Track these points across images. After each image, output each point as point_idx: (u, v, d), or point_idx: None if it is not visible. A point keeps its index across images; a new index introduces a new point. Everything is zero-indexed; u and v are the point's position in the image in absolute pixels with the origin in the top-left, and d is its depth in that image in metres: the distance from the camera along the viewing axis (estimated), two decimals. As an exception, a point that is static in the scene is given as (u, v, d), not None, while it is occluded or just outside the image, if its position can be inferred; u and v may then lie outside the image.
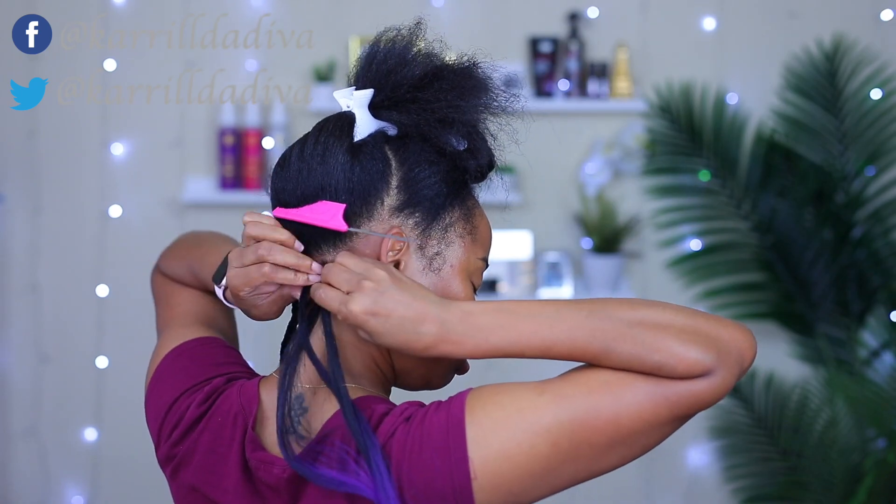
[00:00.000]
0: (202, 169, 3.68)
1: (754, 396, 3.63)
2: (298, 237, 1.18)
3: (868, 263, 3.62)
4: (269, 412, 1.19)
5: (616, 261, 3.69)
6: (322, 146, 1.18)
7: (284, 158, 1.21)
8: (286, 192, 1.19)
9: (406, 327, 1.08)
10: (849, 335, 3.61)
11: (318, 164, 1.17)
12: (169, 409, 1.24)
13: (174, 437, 1.22)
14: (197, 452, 1.20)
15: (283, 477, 1.13)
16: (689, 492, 3.80)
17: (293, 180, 1.18)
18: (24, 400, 3.67)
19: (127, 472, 3.63)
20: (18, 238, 3.65)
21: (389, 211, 1.18)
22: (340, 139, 1.18)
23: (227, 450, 1.18)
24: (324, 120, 1.22)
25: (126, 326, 3.67)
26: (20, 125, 3.62)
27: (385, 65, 1.21)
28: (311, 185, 1.17)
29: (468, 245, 1.24)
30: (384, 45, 1.23)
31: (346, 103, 1.20)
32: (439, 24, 4.00)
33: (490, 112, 1.21)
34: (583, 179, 3.71)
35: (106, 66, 3.64)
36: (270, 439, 1.17)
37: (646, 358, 1.06)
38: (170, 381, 1.27)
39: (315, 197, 1.17)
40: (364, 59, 1.22)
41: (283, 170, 1.20)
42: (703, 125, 3.68)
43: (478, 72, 1.23)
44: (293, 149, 1.21)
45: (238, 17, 3.66)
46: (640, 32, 3.77)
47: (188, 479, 1.20)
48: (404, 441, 1.08)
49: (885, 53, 3.71)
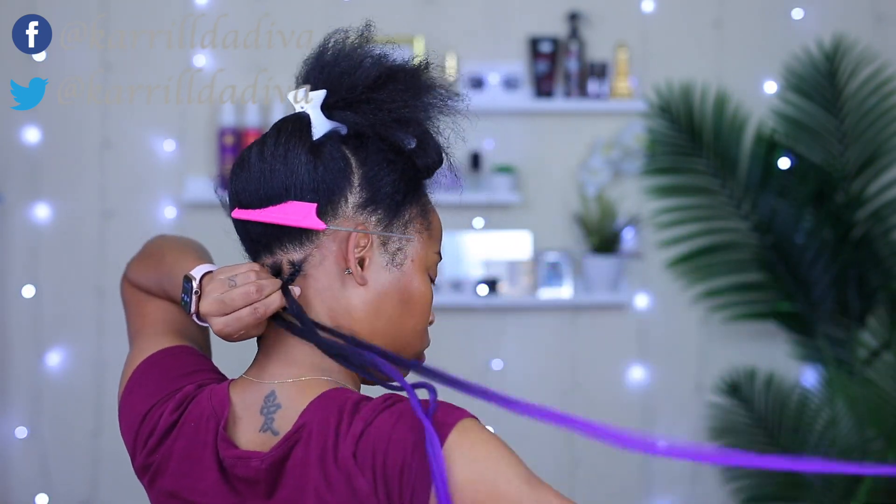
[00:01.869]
0: (202, 169, 3.68)
1: (754, 396, 3.63)
2: (258, 239, 1.21)
3: (868, 263, 3.62)
4: (240, 412, 1.20)
5: (616, 261, 3.69)
6: (283, 147, 1.20)
7: (243, 160, 1.23)
8: (248, 193, 1.21)
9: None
10: (849, 335, 3.61)
11: (281, 165, 1.19)
12: (143, 421, 1.26)
13: (149, 446, 1.24)
14: (172, 459, 1.21)
15: (263, 468, 1.14)
16: (689, 492, 3.80)
17: (255, 181, 1.20)
18: (25, 400, 3.67)
19: (127, 471, 3.61)
20: (18, 238, 3.65)
21: (353, 208, 1.20)
22: (301, 139, 1.20)
23: (201, 452, 1.19)
24: (281, 120, 1.24)
25: (126, 326, 3.66)
26: (20, 125, 3.62)
27: (337, 66, 1.23)
28: (275, 186, 1.19)
29: (425, 240, 1.26)
30: (333, 46, 1.24)
31: (299, 105, 1.22)
32: (439, 24, 4.00)
33: (439, 111, 1.23)
34: (583, 179, 3.71)
35: (106, 67, 3.64)
36: (244, 437, 1.19)
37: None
38: (141, 392, 1.29)
39: (280, 197, 1.19)
40: (313, 60, 1.24)
41: (242, 171, 1.22)
42: (703, 125, 3.68)
43: (428, 72, 1.23)
44: (251, 149, 1.22)
45: (238, 17, 3.66)
46: (640, 32, 3.77)
47: (166, 486, 1.22)
48: (375, 433, 1.10)
49: (885, 53, 3.71)
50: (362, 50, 1.24)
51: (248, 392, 1.21)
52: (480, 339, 3.72)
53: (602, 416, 3.83)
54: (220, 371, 1.32)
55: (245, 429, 1.19)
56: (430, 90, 1.22)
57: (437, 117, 1.23)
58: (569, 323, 3.77)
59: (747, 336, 3.78)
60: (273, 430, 1.17)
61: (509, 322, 3.76)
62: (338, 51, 1.24)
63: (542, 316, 3.77)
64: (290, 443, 1.13)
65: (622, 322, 3.80)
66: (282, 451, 1.14)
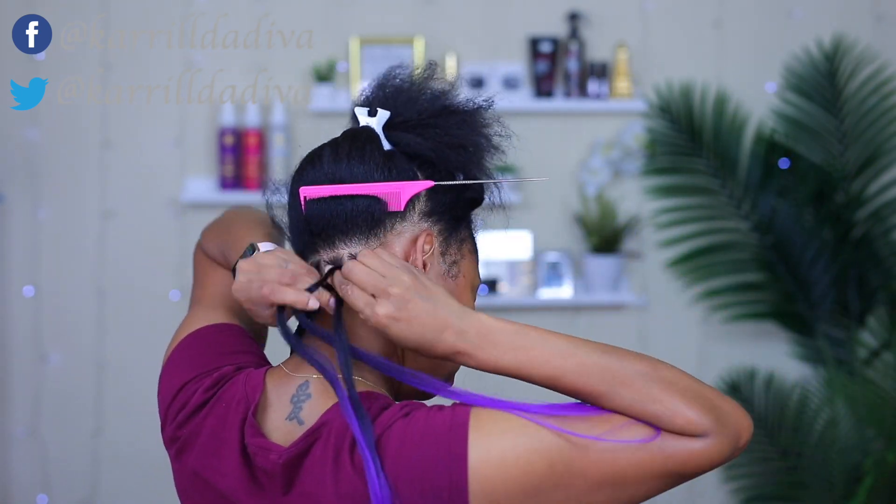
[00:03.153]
0: (202, 169, 3.68)
1: (754, 396, 3.63)
2: (323, 228, 1.23)
3: (868, 263, 3.62)
4: (272, 400, 1.21)
5: (616, 261, 3.69)
6: (358, 149, 1.24)
7: (315, 157, 1.26)
8: (335, 173, 1.23)
9: (427, 335, 1.14)
10: (849, 335, 3.61)
11: (358, 162, 1.23)
12: (177, 393, 1.27)
13: (179, 419, 1.25)
14: (201, 435, 1.22)
15: (280, 462, 1.14)
16: (689, 492, 3.80)
17: (329, 175, 1.23)
18: (25, 400, 3.67)
19: (127, 472, 3.63)
20: (18, 238, 3.65)
21: (419, 215, 1.25)
22: (376, 145, 1.24)
23: (228, 434, 1.20)
24: (350, 129, 1.28)
25: (126, 326, 3.67)
26: (20, 125, 3.62)
27: (403, 93, 1.27)
28: (356, 176, 1.23)
29: (474, 262, 1.32)
30: (400, 74, 1.29)
31: (365, 120, 1.26)
32: (439, 24, 4.00)
33: (488, 150, 1.29)
34: (583, 179, 3.71)
35: (106, 66, 3.64)
36: (271, 425, 1.19)
37: (647, 406, 1.10)
38: (182, 365, 1.30)
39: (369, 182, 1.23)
40: (378, 83, 1.29)
41: (314, 167, 1.25)
42: (703, 125, 3.68)
43: (485, 112, 1.29)
44: (324, 149, 1.26)
45: (238, 17, 3.66)
46: (640, 32, 3.77)
47: (190, 463, 1.23)
48: (403, 433, 1.10)
49: (885, 53, 3.71)
50: (427, 83, 1.28)
51: (283, 381, 1.22)
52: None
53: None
54: (264, 356, 1.33)
55: (273, 416, 1.20)
56: (485, 128, 1.28)
57: (486, 155, 1.29)
58: (569, 323, 3.77)
59: (747, 336, 3.78)
60: (299, 420, 1.18)
61: (509, 322, 3.75)
62: (404, 79, 1.28)
63: (542, 316, 3.77)
64: (310, 439, 1.14)
65: (622, 322, 3.80)
66: (300, 448, 1.14)
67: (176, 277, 3.64)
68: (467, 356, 1.14)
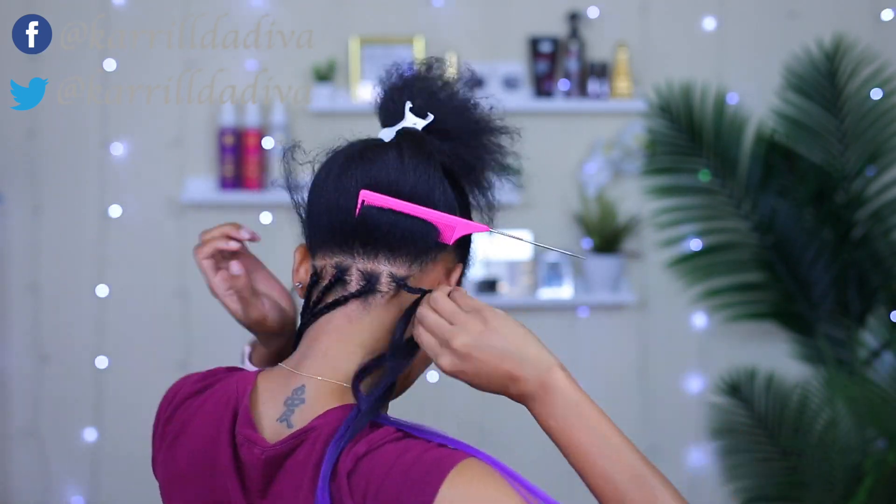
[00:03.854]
0: (202, 169, 3.68)
1: (754, 396, 3.63)
2: (374, 237, 1.19)
3: (868, 263, 3.62)
4: (265, 399, 1.20)
5: (616, 261, 3.69)
6: (423, 163, 1.20)
7: (378, 154, 1.21)
8: (390, 182, 1.20)
9: (492, 387, 1.15)
10: (849, 335, 3.61)
11: (423, 180, 1.20)
12: (168, 394, 1.29)
13: (168, 413, 1.26)
14: (191, 425, 1.22)
15: (262, 458, 1.14)
16: (690, 492, 3.80)
17: (393, 183, 1.19)
18: (24, 400, 3.67)
19: (127, 472, 3.63)
20: (18, 238, 3.65)
21: (454, 247, 1.25)
22: (434, 161, 1.21)
23: (218, 427, 1.20)
24: (411, 132, 1.23)
25: (126, 326, 3.67)
26: (20, 125, 3.62)
27: (451, 101, 1.25)
28: (423, 188, 1.20)
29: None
30: (440, 76, 1.27)
31: (413, 120, 1.23)
32: (439, 24, 4.00)
33: (505, 171, 1.30)
34: (583, 179, 3.71)
35: (106, 66, 3.64)
36: (263, 422, 1.18)
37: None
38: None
39: (428, 201, 1.20)
40: (418, 83, 1.26)
41: (375, 166, 1.20)
42: (703, 125, 3.68)
43: (509, 140, 1.28)
44: (388, 150, 1.21)
45: (238, 17, 3.66)
46: (640, 32, 3.77)
47: (180, 455, 1.23)
48: (388, 459, 1.07)
49: (885, 53, 3.71)
50: (465, 91, 1.27)
51: (280, 379, 1.21)
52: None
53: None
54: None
55: (266, 414, 1.19)
56: (501, 149, 1.27)
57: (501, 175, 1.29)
58: (569, 323, 3.77)
59: (747, 336, 3.78)
60: (289, 423, 1.16)
61: (509, 322, 3.75)
62: (446, 83, 1.27)
63: (542, 316, 3.77)
64: (296, 441, 1.13)
65: (622, 322, 3.80)
66: (285, 448, 1.14)
67: (176, 277, 3.64)
68: (530, 405, 1.14)
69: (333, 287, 1.21)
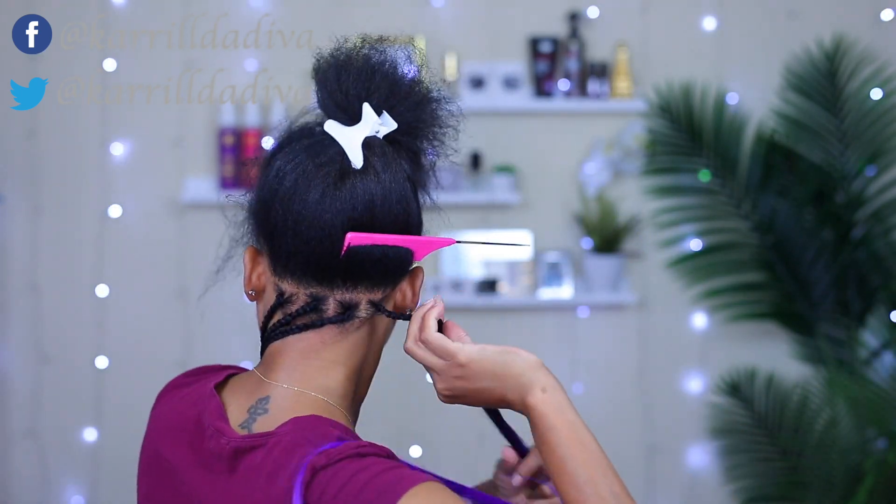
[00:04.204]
0: (202, 169, 3.68)
1: (754, 396, 3.63)
2: (357, 271, 1.17)
3: (868, 263, 3.62)
4: (230, 403, 1.20)
5: (616, 261, 3.69)
6: (393, 176, 1.17)
7: (343, 170, 1.17)
8: (384, 215, 1.17)
9: (492, 404, 1.21)
10: (849, 335, 3.61)
11: (397, 200, 1.17)
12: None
13: (154, 402, 1.28)
14: (168, 414, 1.24)
15: (228, 448, 1.14)
16: (689, 492, 3.80)
17: (367, 204, 1.16)
18: (24, 400, 3.66)
19: (127, 472, 3.61)
20: (18, 238, 3.64)
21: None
22: (401, 168, 1.18)
23: (189, 414, 1.21)
24: (373, 140, 1.18)
25: (126, 326, 3.67)
26: (20, 125, 3.62)
27: (411, 98, 1.20)
28: (398, 210, 1.18)
29: None
30: (380, 65, 1.20)
31: (372, 121, 1.18)
32: (439, 24, 3.99)
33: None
34: (583, 179, 3.71)
35: (106, 66, 3.64)
36: (232, 416, 1.18)
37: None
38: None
39: (406, 224, 1.18)
40: (365, 75, 1.20)
41: (344, 185, 1.16)
42: (703, 125, 3.68)
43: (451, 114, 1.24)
44: (367, 175, 1.16)
45: (238, 17, 3.66)
46: (640, 32, 3.77)
47: (153, 439, 1.24)
48: (347, 476, 1.06)
49: (885, 53, 3.71)
50: (398, 67, 1.21)
51: (248, 387, 1.21)
52: (480, 339, 3.70)
53: (602, 416, 3.85)
54: None
55: (231, 417, 1.18)
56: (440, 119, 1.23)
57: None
58: (569, 323, 3.77)
59: (747, 336, 3.78)
60: (250, 430, 1.16)
61: (509, 322, 3.75)
62: (388, 72, 1.20)
63: (542, 316, 3.77)
64: (255, 441, 1.13)
65: (622, 322, 3.80)
66: (247, 444, 1.13)
67: (176, 277, 3.64)
68: (523, 406, 1.18)
69: (306, 313, 1.19)
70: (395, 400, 3.63)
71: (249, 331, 3.68)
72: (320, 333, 1.18)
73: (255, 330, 1.41)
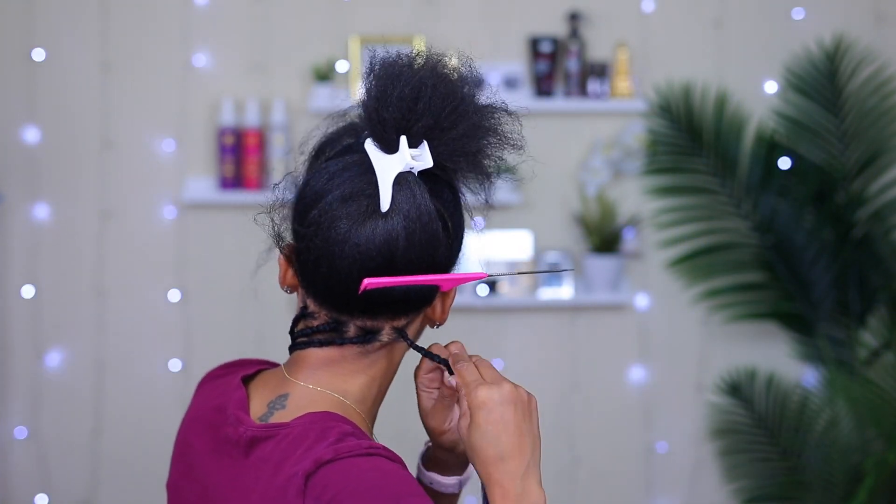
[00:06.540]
0: (202, 169, 3.68)
1: (754, 396, 3.63)
2: (377, 305, 1.17)
3: (868, 263, 3.62)
4: (252, 392, 1.23)
5: (616, 261, 3.69)
6: (429, 229, 1.15)
7: (362, 204, 1.14)
8: (406, 259, 1.14)
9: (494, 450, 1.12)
10: (849, 335, 3.61)
11: (429, 240, 1.15)
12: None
13: (194, 391, 1.32)
14: (203, 403, 1.27)
15: (245, 436, 1.15)
16: (689, 492, 3.80)
17: (415, 253, 1.15)
18: (24, 400, 3.66)
19: (127, 471, 3.63)
20: (18, 238, 3.64)
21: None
22: (432, 214, 1.15)
23: (216, 402, 1.24)
24: (403, 175, 1.13)
25: (125, 326, 3.67)
26: (20, 125, 3.62)
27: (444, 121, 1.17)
28: (428, 258, 1.16)
29: None
30: (421, 95, 1.15)
31: (407, 156, 1.13)
32: (440, 24, 3.99)
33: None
34: (583, 179, 3.71)
35: (106, 67, 3.63)
36: (253, 409, 1.20)
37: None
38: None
39: (431, 262, 1.16)
40: (406, 105, 1.14)
41: (367, 219, 1.13)
42: (703, 125, 3.68)
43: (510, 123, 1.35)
44: (393, 218, 1.13)
45: (238, 17, 3.66)
46: (640, 32, 3.77)
47: (183, 427, 1.28)
48: (352, 473, 1.06)
49: (885, 53, 3.71)
50: (466, 88, 1.19)
51: (272, 383, 1.23)
52: (481, 339, 3.72)
53: (602, 416, 3.85)
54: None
55: (252, 410, 1.21)
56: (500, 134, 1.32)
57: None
58: (569, 323, 3.77)
59: (747, 336, 3.78)
60: (266, 421, 1.19)
61: (509, 322, 3.76)
62: (434, 100, 1.15)
63: (543, 316, 3.77)
64: (270, 431, 1.14)
65: (622, 322, 3.80)
66: (262, 433, 1.14)
67: (176, 277, 3.64)
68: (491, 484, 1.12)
69: (327, 331, 1.20)
70: (395, 399, 3.62)
71: (247, 332, 3.68)
72: (342, 350, 1.20)
73: (247, 333, 1.42)
